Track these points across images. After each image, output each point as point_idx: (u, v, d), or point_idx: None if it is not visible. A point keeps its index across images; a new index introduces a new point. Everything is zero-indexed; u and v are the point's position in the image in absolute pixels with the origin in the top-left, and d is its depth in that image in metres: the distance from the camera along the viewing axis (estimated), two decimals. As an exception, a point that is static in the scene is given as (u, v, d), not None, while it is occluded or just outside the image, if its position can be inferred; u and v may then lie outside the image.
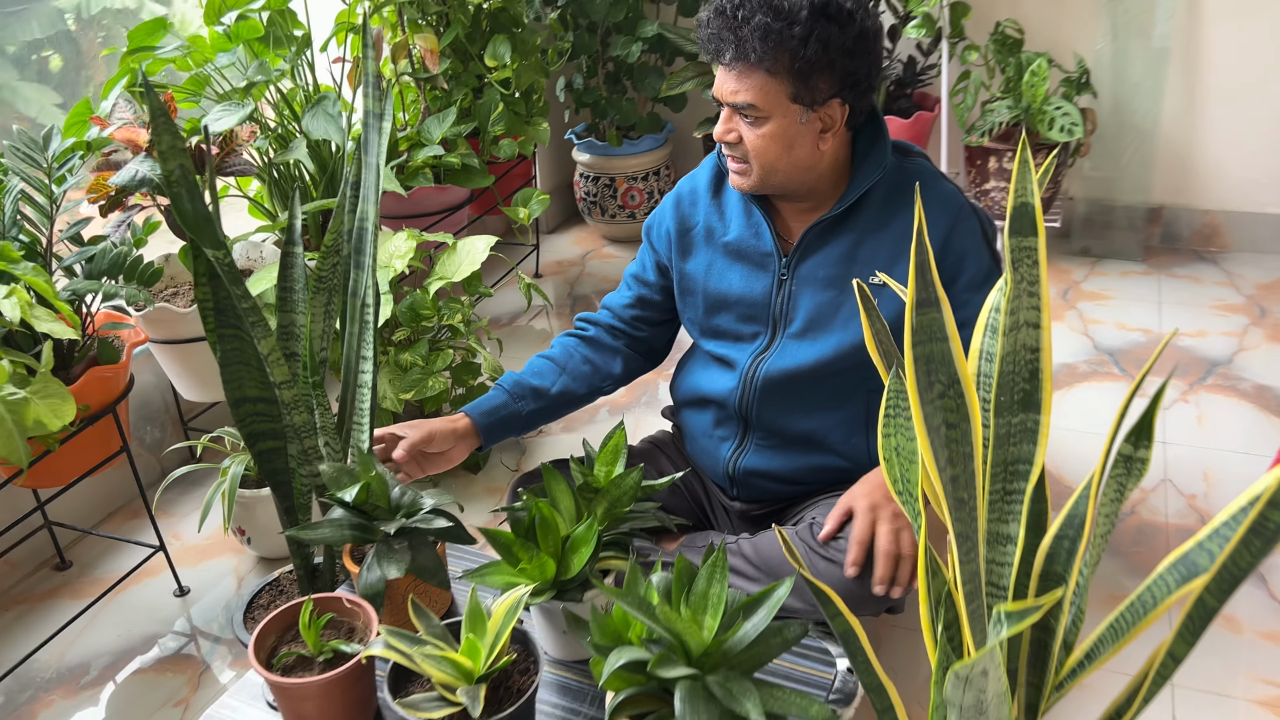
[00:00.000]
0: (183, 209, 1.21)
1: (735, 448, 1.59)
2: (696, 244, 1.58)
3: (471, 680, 1.06)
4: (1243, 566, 0.88)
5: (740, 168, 1.45)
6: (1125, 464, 0.97)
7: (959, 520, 0.92)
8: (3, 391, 1.29)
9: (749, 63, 1.35)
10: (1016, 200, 0.90)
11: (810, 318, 1.50)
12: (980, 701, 0.84)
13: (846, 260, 1.48)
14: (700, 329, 1.62)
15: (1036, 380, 0.94)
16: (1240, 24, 2.77)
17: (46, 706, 1.67)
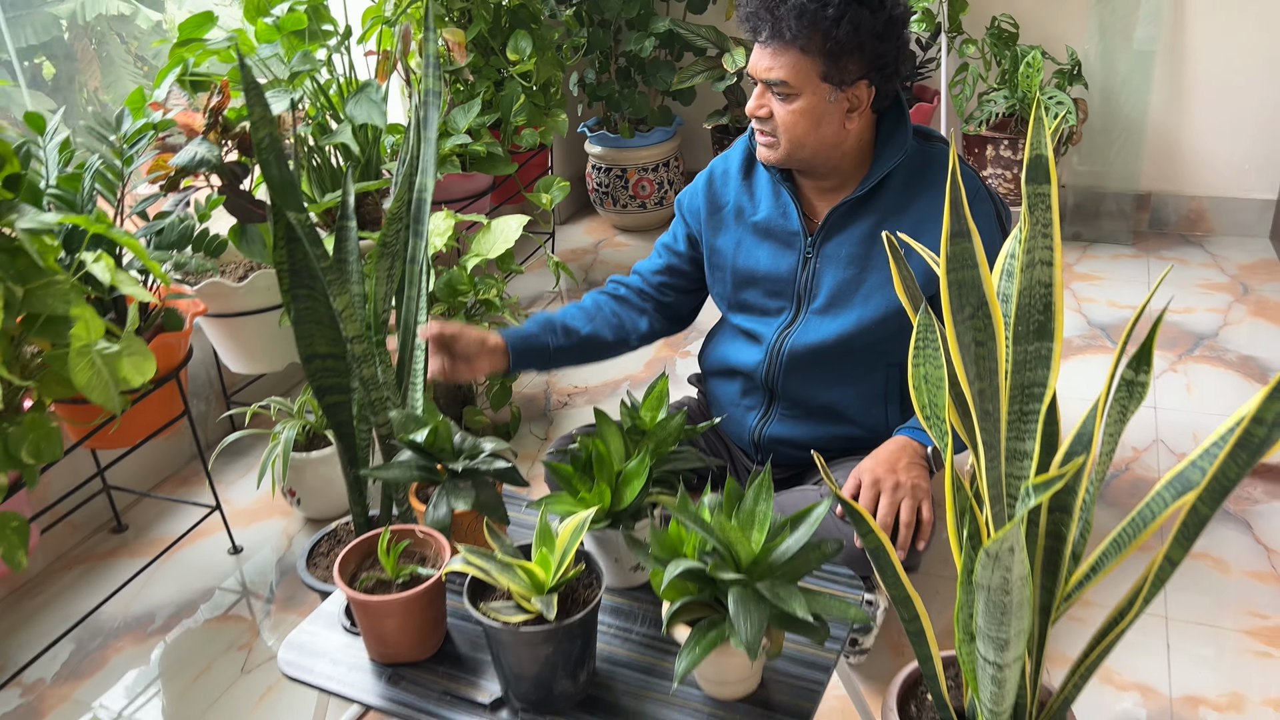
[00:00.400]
0: (270, 174, 1.33)
1: (761, 416, 1.71)
2: (727, 221, 1.69)
3: (543, 590, 1.18)
4: (1231, 477, 1.01)
5: (769, 140, 1.56)
6: (1128, 388, 1.11)
7: (985, 430, 1.04)
8: (98, 345, 1.40)
9: (784, 41, 1.45)
10: (1032, 153, 1.03)
11: (833, 294, 1.61)
12: (1006, 581, 0.97)
13: (869, 240, 1.59)
14: (728, 303, 1.73)
15: (1050, 312, 1.07)
16: (1223, 19, 2.92)
17: (117, 651, 1.78)
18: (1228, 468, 1.01)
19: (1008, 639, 1.05)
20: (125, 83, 2.93)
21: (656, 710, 1.21)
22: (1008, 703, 1.14)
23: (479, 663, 1.30)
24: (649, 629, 1.33)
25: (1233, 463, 1.00)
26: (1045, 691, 1.27)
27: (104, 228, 1.38)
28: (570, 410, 2.45)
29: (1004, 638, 1.04)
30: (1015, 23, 2.97)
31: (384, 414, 1.53)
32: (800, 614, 1.10)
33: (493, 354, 1.63)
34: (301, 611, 1.84)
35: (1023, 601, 1.03)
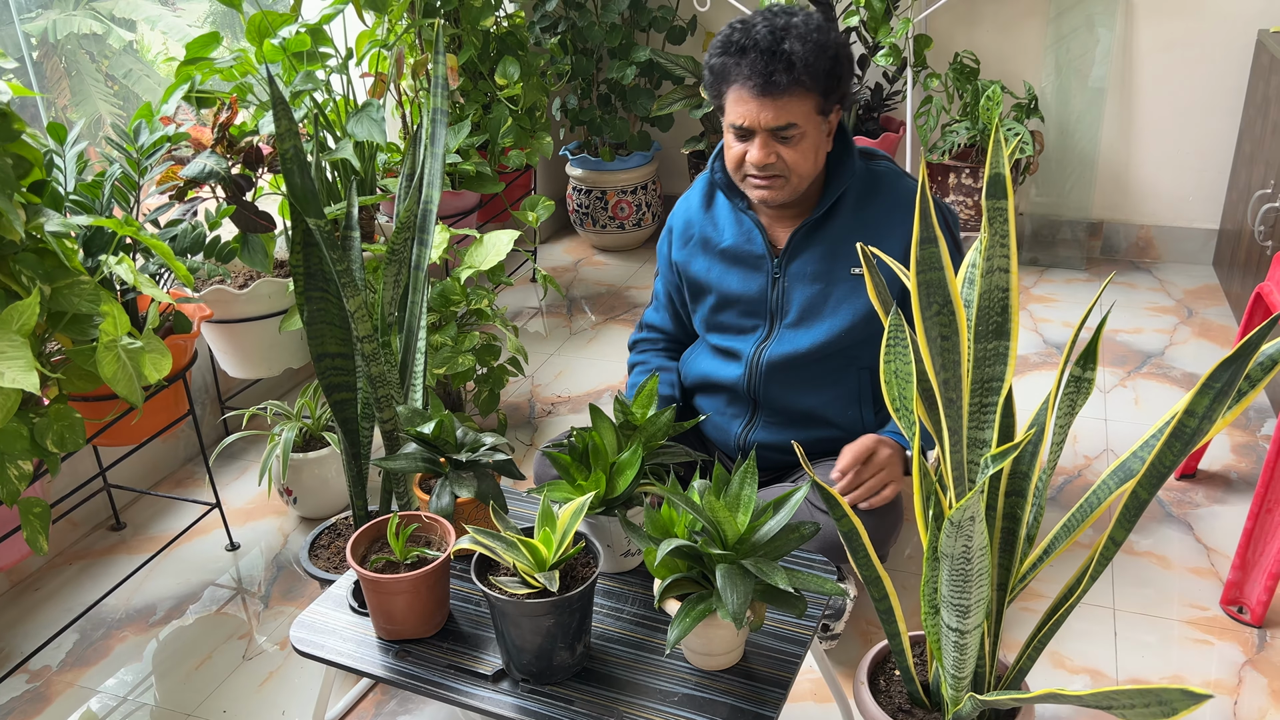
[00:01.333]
0: (293, 183, 1.43)
1: (745, 424, 1.83)
2: (696, 253, 1.82)
3: (546, 566, 1.28)
4: (1167, 464, 1.14)
5: (774, 183, 1.64)
6: (1076, 384, 1.24)
7: (950, 417, 1.17)
8: (123, 340, 1.49)
9: (784, 87, 1.55)
10: (991, 171, 1.16)
11: (803, 309, 1.74)
12: (967, 549, 1.09)
13: (829, 257, 1.72)
14: (707, 325, 1.85)
15: (1007, 314, 1.20)
16: (1168, 58, 3.12)
17: (120, 641, 1.85)
18: (1164, 455, 1.14)
19: (969, 605, 1.16)
20: (94, 102, 3.00)
21: (647, 680, 1.31)
22: (969, 669, 1.26)
23: (481, 639, 1.40)
24: (640, 609, 1.44)
25: (1168, 450, 1.13)
26: (1001, 665, 1.39)
27: (134, 230, 1.47)
28: (555, 418, 2.55)
29: (965, 604, 1.16)
30: (976, 59, 3.15)
31: (390, 409, 1.62)
32: (782, 585, 1.21)
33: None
34: (299, 604, 1.92)
35: (983, 570, 1.15)
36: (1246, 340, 1.01)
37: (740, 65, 1.57)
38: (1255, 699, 1.60)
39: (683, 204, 1.87)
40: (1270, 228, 2.50)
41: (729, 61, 1.59)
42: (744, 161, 1.64)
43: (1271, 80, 2.70)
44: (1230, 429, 2.33)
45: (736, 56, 1.57)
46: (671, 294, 1.91)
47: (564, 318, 3.15)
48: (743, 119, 1.59)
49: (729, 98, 1.62)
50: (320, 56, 2.36)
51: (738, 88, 1.59)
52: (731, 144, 1.65)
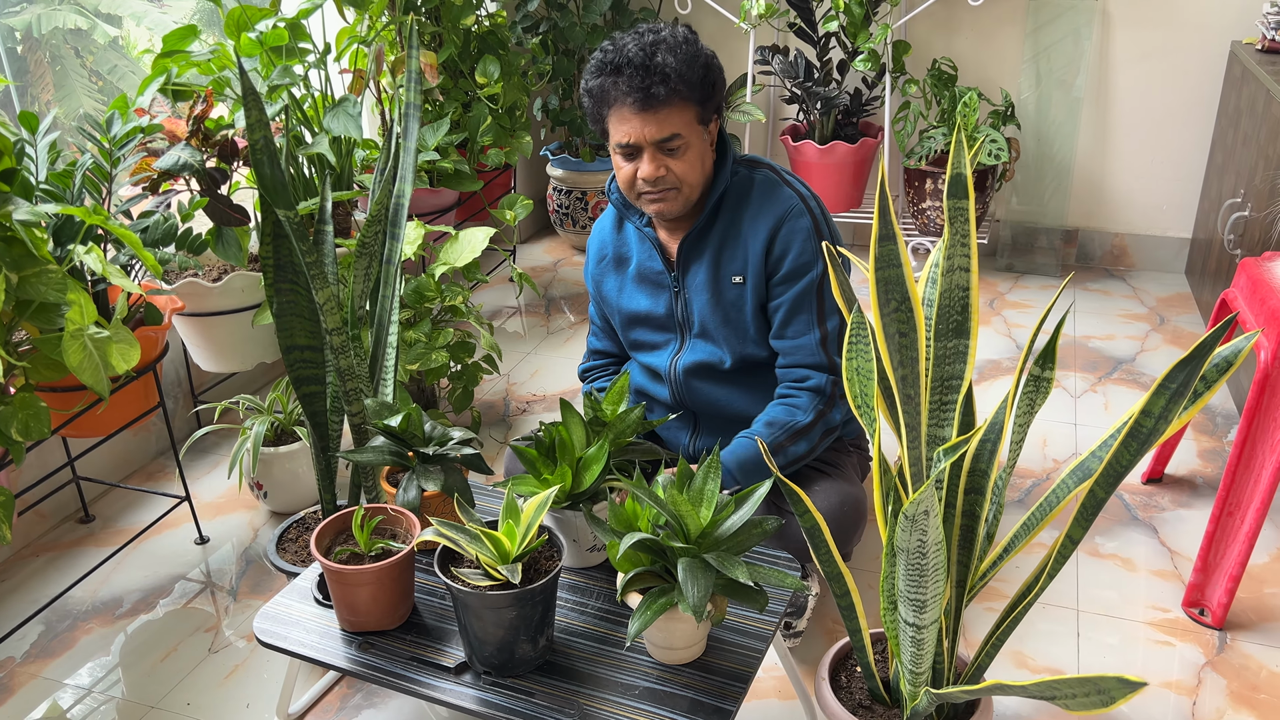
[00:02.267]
0: (262, 174, 1.43)
1: (691, 434, 1.85)
2: (608, 273, 1.86)
3: (509, 559, 1.29)
4: (1124, 463, 1.16)
5: (667, 194, 1.66)
6: (1035, 383, 1.25)
7: (908, 413, 1.18)
8: (90, 329, 1.48)
9: (663, 98, 1.56)
10: (953, 172, 1.18)
11: (702, 319, 1.77)
12: (923, 544, 1.10)
13: (714, 265, 1.74)
14: (628, 344, 1.89)
15: (967, 313, 1.21)
16: (1142, 68, 3.15)
17: (86, 633, 1.84)
18: (1120, 455, 1.15)
19: (925, 601, 1.18)
20: (79, 97, 2.98)
21: (609, 674, 1.31)
22: (926, 664, 1.27)
23: (444, 632, 1.40)
24: (603, 604, 1.44)
25: (1125, 450, 1.15)
26: (961, 662, 1.40)
27: (101, 219, 1.47)
28: (529, 416, 2.55)
29: (922, 599, 1.17)
30: (955, 65, 3.17)
31: (358, 403, 1.62)
32: (743, 579, 1.22)
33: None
34: (266, 598, 1.91)
35: (939, 566, 1.16)
36: (1201, 342, 1.03)
37: (618, 83, 1.58)
38: (1214, 700, 1.62)
39: (597, 228, 1.89)
40: (1239, 236, 2.53)
41: (605, 82, 1.60)
42: (635, 179, 1.66)
43: (1243, 91, 2.74)
44: (1196, 434, 2.35)
45: (613, 75, 1.59)
46: (607, 315, 1.93)
47: (542, 317, 3.16)
48: (627, 136, 1.61)
49: (611, 119, 1.63)
50: (299, 52, 2.36)
51: (618, 107, 1.60)
52: (621, 164, 1.67)
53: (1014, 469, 1.28)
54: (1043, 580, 1.26)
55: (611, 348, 1.96)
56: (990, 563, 1.33)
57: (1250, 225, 2.46)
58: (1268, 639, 1.74)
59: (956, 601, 1.33)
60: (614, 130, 1.63)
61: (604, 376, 1.96)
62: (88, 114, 1.80)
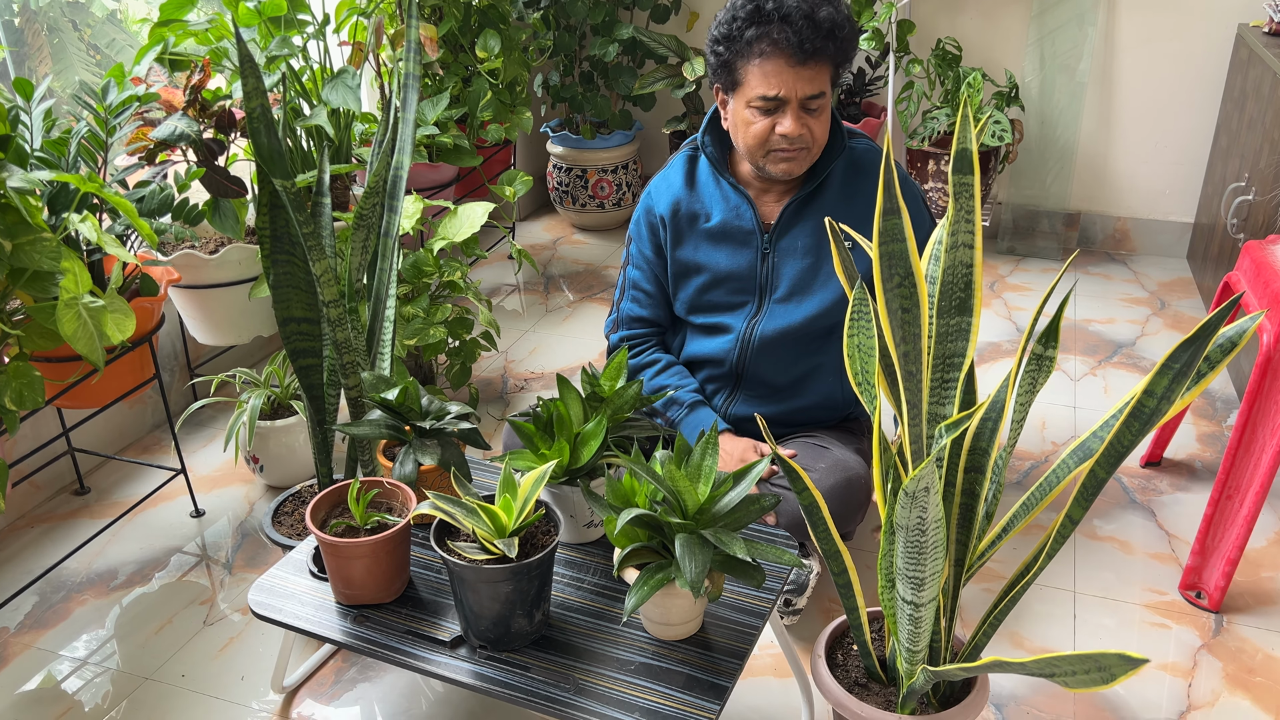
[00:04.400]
0: (259, 143, 1.42)
1: (727, 398, 1.83)
2: (684, 231, 1.80)
3: (506, 534, 1.28)
4: (1125, 444, 1.14)
5: (800, 155, 1.65)
6: (1037, 361, 1.24)
7: (909, 390, 1.17)
8: (85, 298, 1.47)
9: (828, 54, 1.57)
10: (958, 147, 1.16)
11: (794, 284, 1.75)
12: (922, 521, 1.09)
13: (820, 231, 1.73)
14: (692, 305, 1.82)
15: (970, 290, 1.20)
16: (1148, 51, 3.13)
17: (80, 604, 1.83)
18: (1122, 435, 1.14)
19: (924, 579, 1.17)
20: (76, 70, 2.95)
21: (605, 649, 1.31)
22: (923, 643, 1.27)
23: (440, 605, 1.40)
24: (600, 579, 1.44)
25: (1126, 430, 1.13)
26: (959, 642, 1.40)
27: (96, 187, 1.45)
28: (527, 393, 2.55)
29: (920, 577, 1.16)
30: (959, 45, 3.15)
31: (355, 376, 1.61)
32: (740, 555, 1.21)
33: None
34: (261, 572, 1.91)
35: (937, 544, 1.15)
36: (1205, 322, 1.01)
37: (785, 32, 1.56)
38: (1209, 682, 1.62)
39: (662, 183, 1.84)
40: (1243, 220, 2.52)
41: (762, 30, 1.58)
42: (769, 135, 1.63)
43: (1249, 74, 2.72)
44: (1196, 419, 2.35)
45: (778, 24, 1.56)
46: (659, 278, 1.85)
47: (541, 295, 3.14)
48: (777, 89, 1.59)
49: (753, 71, 1.60)
50: (297, 23, 2.34)
51: (770, 59, 1.58)
52: (754, 119, 1.63)
53: (1014, 449, 1.27)
54: (1041, 560, 1.25)
55: (659, 314, 1.86)
56: (989, 542, 1.32)
57: (1254, 209, 2.44)
58: (1264, 622, 1.74)
59: (954, 580, 1.32)
60: (758, 82, 1.60)
61: (651, 348, 1.86)
62: (84, 81, 1.78)
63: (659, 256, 1.84)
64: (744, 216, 1.75)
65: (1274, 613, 1.76)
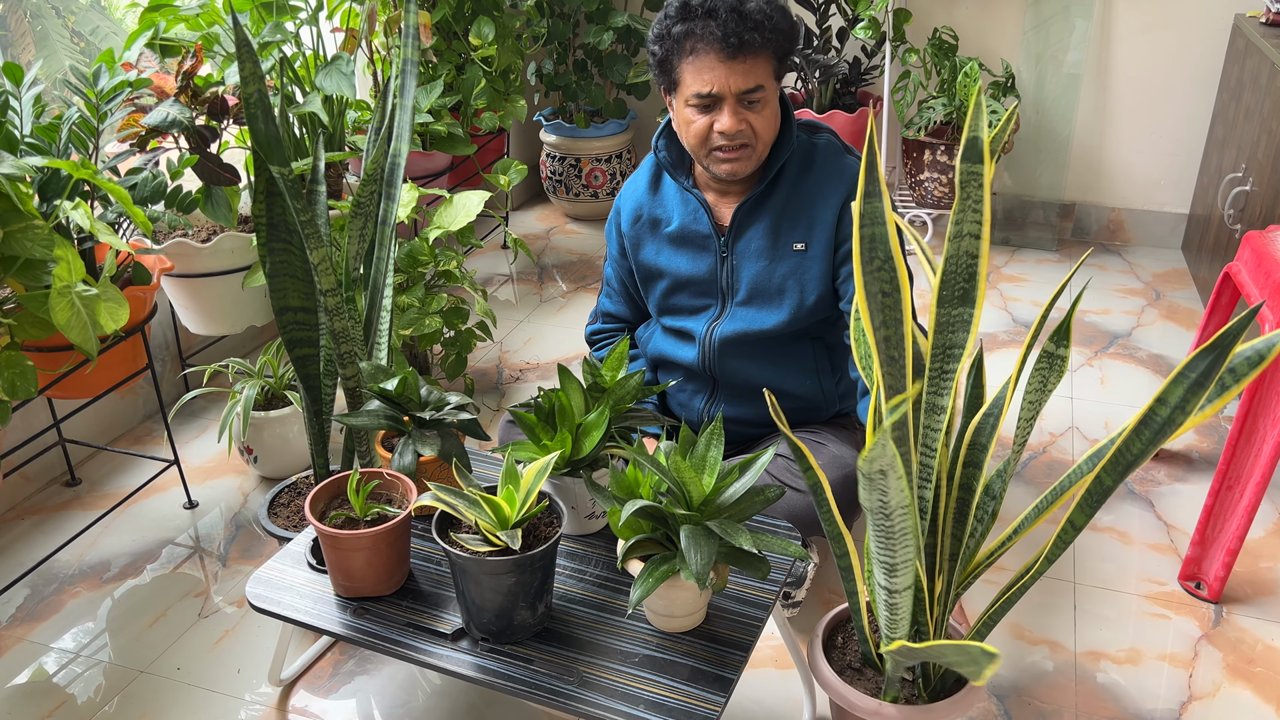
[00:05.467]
0: (257, 129, 1.40)
1: (707, 400, 1.82)
2: (644, 237, 1.79)
3: (508, 525, 1.27)
4: (1134, 452, 1.11)
5: (742, 153, 1.60)
6: (1048, 360, 1.21)
7: (889, 374, 1.15)
8: (78, 287, 1.45)
9: (756, 46, 1.52)
10: (969, 135, 1.15)
11: (752, 287, 1.72)
12: (884, 505, 1.07)
13: (773, 232, 1.69)
14: (659, 309, 1.83)
15: (974, 281, 1.19)
16: (1144, 41, 3.12)
17: (73, 597, 1.81)
18: (1131, 443, 1.10)
19: (895, 564, 1.16)
20: (60, 59, 2.91)
21: (609, 641, 1.30)
22: (901, 630, 1.25)
23: (441, 598, 1.38)
24: (603, 571, 1.43)
25: (1136, 438, 1.10)
26: (956, 634, 1.39)
27: (89, 174, 1.42)
28: (522, 384, 2.53)
29: (891, 562, 1.15)
30: (955, 35, 3.13)
31: (353, 366, 1.59)
32: (746, 546, 1.20)
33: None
34: (257, 563, 1.89)
35: (905, 530, 1.13)
36: (1225, 331, 0.96)
37: (711, 27, 1.52)
38: (1210, 673, 1.62)
39: (630, 187, 1.83)
40: (1240, 211, 2.52)
41: (691, 26, 1.53)
42: (709, 134, 1.59)
43: (1246, 64, 2.71)
44: (1193, 409, 2.35)
45: (703, 20, 1.52)
46: (625, 280, 1.87)
47: (535, 285, 3.12)
48: (710, 85, 1.54)
49: (687, 68, 1.56)
50: (290, 9, 2.31)
51: (700, 55, 1.54)
52: (693, 118, 1.59)
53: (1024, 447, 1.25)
54: (1040, 564, 1.23)
55: (625, 312, 1.91)
56: (999, 543, 1.31)
57: (1251, 200, 2.44)
58: (1264, 613, 1.74)
59: (948, 574, 1.30)
60: (691, 80, 1.56)
61: (611, 344, 1.92)
62: (74, 66, 1.75)
63: (624, 258, 1.85)
64: (700, 220, 1.72)
65: (1274, 603, 1.76)
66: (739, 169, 1.62)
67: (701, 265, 1.74)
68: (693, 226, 1.73)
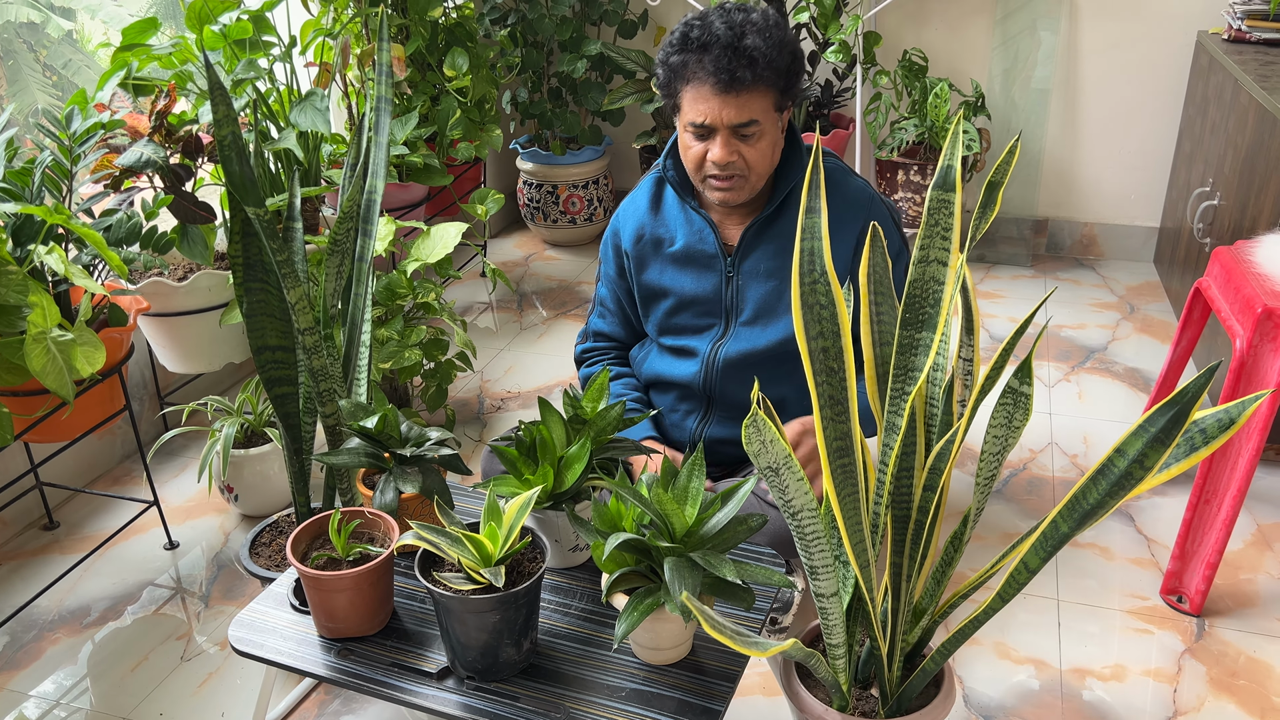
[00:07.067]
0: (231, 170, 1.39)
1: (700, 420, 1.82)
2: (647, 256, 1.80)
3: (491, 562, 1.26)
4: (1090, 501, 1.08)
5: (735, 183, 1.63)
6: (1012, 396, 1.22)
7: (829, 385, 1.16)
8: (53, 332, 1.44)
9: (748, 83, 1.53)
10: (944, 163, 1.17)
11: (758, 307, 1.73)
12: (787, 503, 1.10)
13: (782, 254, 1.71)
14: (661, 328, 1.83)
15: (938, 307, 1.20)
16: (1109, 57, 3.17)
17: (53, 643, 1.79)
18: (1088, 490, 1.08)
19: (815, 568, 1.18)
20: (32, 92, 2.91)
21: (595, 676, 1.29)
22: (838, 639, 1.25)
23: (426, 636, 1.38)
24: (587, 604, 1.42)
25: (1093, 486, 1.08)
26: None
27: (63, 218, 1.42)
28: (504, 414, 2.53)
29: (812, 565, 1.18)
30: (925, 56, 3.17)
31: (332, 403, 1.59)
32: (730, 577, 1.20)
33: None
34: (240, 604, 1.88)
35: (817, 533, 1.14)
36: (1186, 387, 0.95)
37: (702, 61, 1.54)
38: (1194, 687, 1.63)
39: (630, 206, 1.83)
40: (1209, 225, 2.55)
41: (689, 58, 1.56)
42: (704, 161, 1.62)
43: (1210, 80, 2.76)
44: (1170, 422, 2.37)
45: (698, 53, 1.55)
46: (621, 299, 1.88)
47: (514, 313, 3.12)
48: (704, 116, 1.57)
49: (686, 96, 1.59)
50: (263, 45, 2.31)
51: (698, 85, 1.56)
52: (690, 144, 1.63)
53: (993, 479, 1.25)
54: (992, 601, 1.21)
55: (619, 332, 1.90)
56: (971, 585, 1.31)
57: (1219, 214, 2.48)
58: (1245, 625, 1.75)
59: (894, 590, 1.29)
60: (689, 108, 1.58)
61: (604, 361, 1.91)
62: (46, 109, 1.75)
63: (622, 278, 1.85)
64: (707, 240, 1.74)
65: (1255, 615, 1.78)
66: (731, 197, 1.65)
67: (706, 285, 1.75)
68: (698, 246, 1.74)
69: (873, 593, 1.27)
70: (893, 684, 1.34)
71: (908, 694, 1.33)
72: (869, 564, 1.25)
